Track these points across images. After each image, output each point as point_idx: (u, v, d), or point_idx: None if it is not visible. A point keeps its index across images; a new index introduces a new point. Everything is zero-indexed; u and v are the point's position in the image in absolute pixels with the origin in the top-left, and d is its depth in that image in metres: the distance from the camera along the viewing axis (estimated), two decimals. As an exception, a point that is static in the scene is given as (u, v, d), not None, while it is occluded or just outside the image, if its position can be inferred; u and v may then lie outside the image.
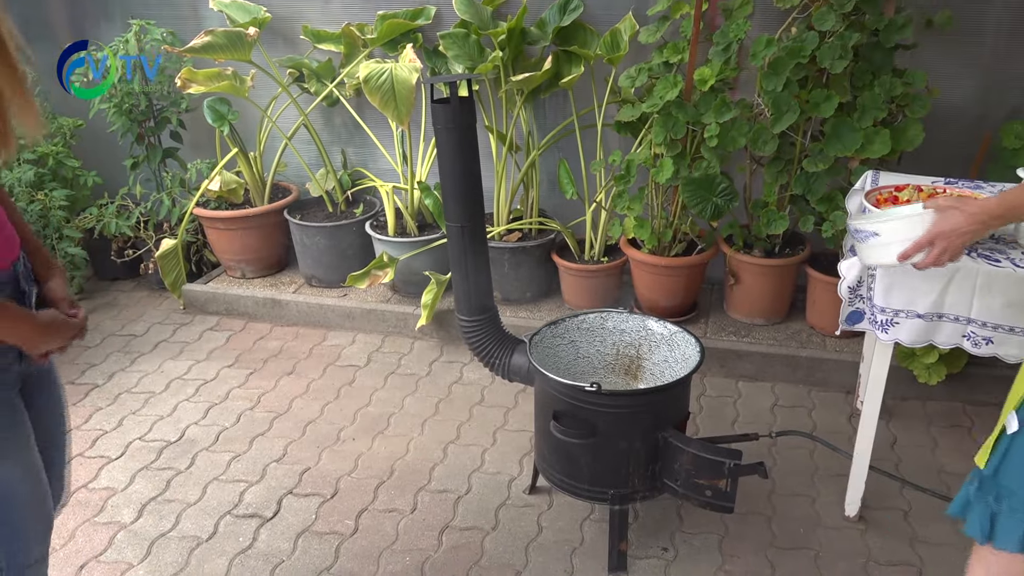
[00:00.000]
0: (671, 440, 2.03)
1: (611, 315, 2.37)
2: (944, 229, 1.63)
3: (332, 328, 3.59)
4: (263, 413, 2.98)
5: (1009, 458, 1.44)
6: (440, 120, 2.08)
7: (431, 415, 2.94)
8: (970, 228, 1.61)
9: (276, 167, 3.83)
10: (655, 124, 2.96)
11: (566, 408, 2.07)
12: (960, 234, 1.62)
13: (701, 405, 2.93)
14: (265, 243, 3.86)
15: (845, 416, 2.82)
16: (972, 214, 1.59)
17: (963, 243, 1.64)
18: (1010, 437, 1.44)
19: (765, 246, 3.19)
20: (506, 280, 3.48)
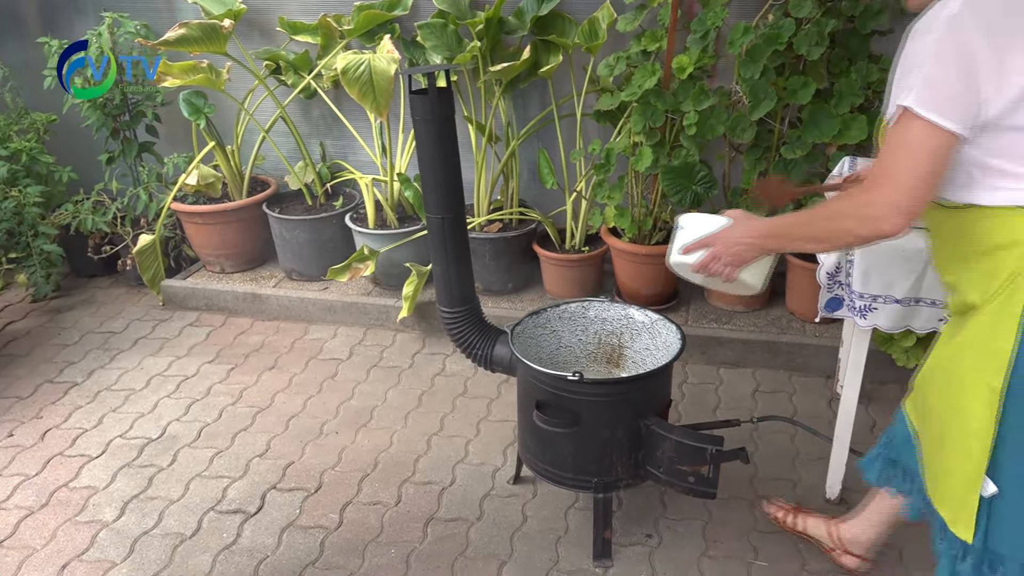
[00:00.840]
0: (653, 428, 2.04)
1: (592, 304, 2.38)
2: (721, 235, 1.64)
3: (313, 322, 3.58)
4: (245, 408, 2.97)
5: (996, 522, 1.40)
6: (419, 111, 2.07)
7: (414, 407, 2.94)
8: (742, 241, 1.60)
9: (254, 160, 3.80)
10: (634, 113, 2.97)
11: (549, 398, 2.07)
12: (731, 244, 1.62)
13: (683, 392, 2.95)
14: (244, 237, 3.83)
15: (825, 401, 2.85)
16: (747, 230, 1.60)
17: (735, 253, 1.62)
18: (988, 501, 1.40)
19: (745, 233, 3.21)
20: (487, 271, 3.48)
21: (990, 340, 1.35)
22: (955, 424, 1.42)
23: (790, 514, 2.24)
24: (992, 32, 1.27)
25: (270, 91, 3.58)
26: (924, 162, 1.29)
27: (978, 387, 1.36)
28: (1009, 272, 1.33)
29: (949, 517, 1.46)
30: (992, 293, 1.35)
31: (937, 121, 1.28)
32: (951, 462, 1.44)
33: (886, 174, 1.32)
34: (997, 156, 1.33)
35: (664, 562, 2.20)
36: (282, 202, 3.85)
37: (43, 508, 2.49)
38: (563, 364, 2.38)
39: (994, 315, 1.35)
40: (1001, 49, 1.27)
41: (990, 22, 1.27)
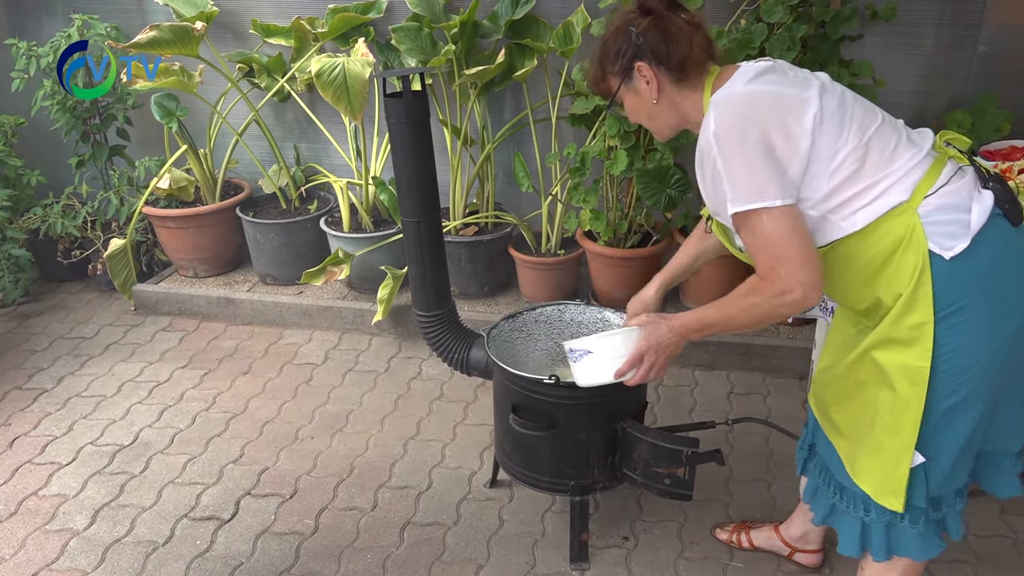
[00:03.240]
0: (629, 430, 2.05)
1: (568, 307, 2.38)
2: (652, 342, 1.66)
3: (288, 326, 3.56)
4: (219, 414, 2.94)
5: (932, 479, 1.52)
6: (393, 114, 2.07)
7: (390, 411, 2.93)
8: (672, 340, 1.65)
9: (227, 164, 3.77)
10: (609, 117, 2.98)
11: (525, 401, 2.07)
12: (664, 347, 1.66)
13: (659, 395, 2.97)
14: (217, 241, 3.80)
15: (799, 402, 2.88)
16: (673, 327, 1.64)
17: (667, 356, 1.68)
18: (921, 467, 1.51)
19: (719, 236, 3.23)
20: (463, 274, 3.48)
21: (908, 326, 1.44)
22: (883, 408, 1.51)
23: (736, 533, 2.26)
24: (752, 118, 1.42)
25: (243, 94, 3.56)
26: (793, 237, 1.41)
27: (904, 372, 1.46)
28: (913, 266, 1.42)
29: (873, 489, 1.56)
30: (901, 289, 1.44)
31: (769, 205, 1.41)
32: (881, 439, 1.53)
33: (778, 263, 1.42)
34: (833, 195, 1.45)
35: (641, 564, 2.21)
36: (256, 206, 3.83)
37: (12, 517, 2.45)
38: (539, 367, 2.38)
39: (906, 304, 1.43)
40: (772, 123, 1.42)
41: (747, 115, 1.43)
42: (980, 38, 2.99)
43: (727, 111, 1.45)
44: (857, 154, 1.45)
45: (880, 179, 1.44)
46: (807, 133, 1.43)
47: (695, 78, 1.56)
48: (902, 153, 1.47)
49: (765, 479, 2.52)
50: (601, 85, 1.67)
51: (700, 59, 1.56)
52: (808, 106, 1.44)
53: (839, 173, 1.44)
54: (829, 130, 1.44)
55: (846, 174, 1.44)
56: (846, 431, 1.64)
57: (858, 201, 1.45)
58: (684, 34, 1.54)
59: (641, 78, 1.58)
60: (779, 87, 1.47)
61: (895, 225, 1.43)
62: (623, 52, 1.58)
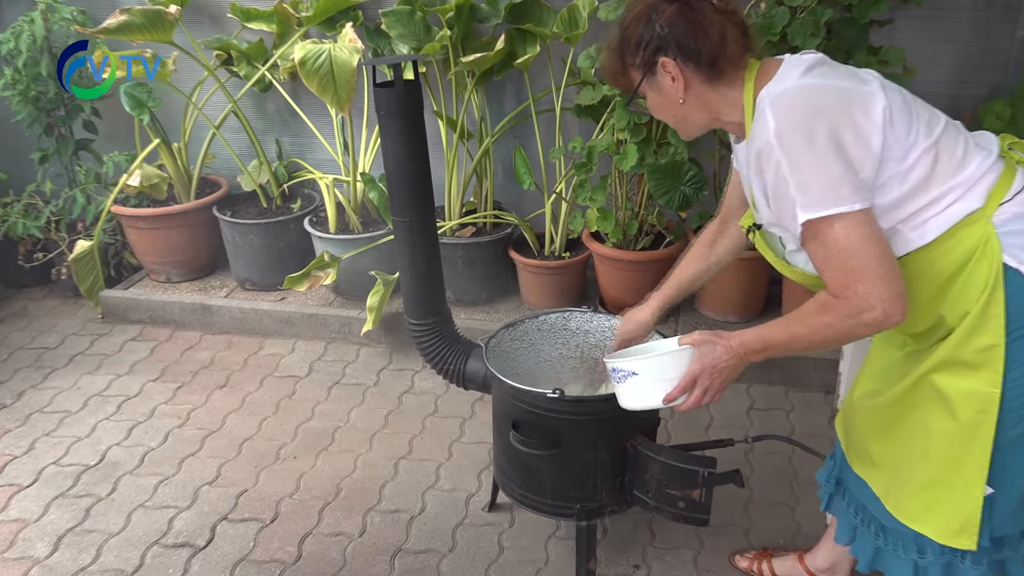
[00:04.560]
0: (640, 449, 2.04)
1: (574, 315, 2.38)
2: (706, 365, 1.60)
3: (269, 336, 3.56)
4: (193, 431, 2.94)
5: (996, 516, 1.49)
6: (384, 106, 2.07)
7: (380, 428, 2.93)
8: (729, 362, 1.59)
9: (203, 159, 3.78)
10: (618, 107, 2.98)
11: (527, 417, 2.07)
12: (720, 369, 1.60)
13: (672, 410, 2.96)
14: (192, 243, 3.80)
15: (825, 417, 2.87)
16: (730, 347, 1.58)
17: (724, 380, 1.62)
18: (989, 499, 1.48)
19: (737, 238, 3.23)
20: (459, 279, 3.48)
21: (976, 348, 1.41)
22: (940, 439, 1.47)
23: (756, 562, 2.25)
24: (818, 113, 1.37)
25: (221, 83, 3.56)
26: (871, 246, 1.35)
27: (969, 398, 1.42)
28: (984, 280, 1.39)
29: (937, 530, 1.51)
30: (970, 307, 1.41)
31: (846, 209, 1.35)
32: (938, 474, 1.49)
33: (854, 278, 1.36)
34: (905, 202, 1.41)
35: (653, 595, 2.21)
36: (234, 205, 3.83)
37: (-33, 544, 2.45)
38: (542, 380, 2.38)
39: (974, 324, 1.40)
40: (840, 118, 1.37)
41: (811, 109, 1.38)
42: (1019, 22, 3.00)
43: (788, 106, 1.38)
44: (929, 156, 1.41)
45: (953, 185, 1.41)
46: (878, 129, 1.38)
47: (731, 74, 1.50)
48: (972, 157, 1.44)
49: (788, 503, 2.51)
50: (620, 79, 1.59)
51: (735, 53, 1.49)
52: (874, 100, 1.40)
53: (912, 176, 1.41)
54: (899, 127, 1.40)
55: (919, 177, 1.41)
56: (883, 463, 1.61)
57: (930, 209, 1.42)
58: (715, 25, 1.46)
59: (665, 75, 1.51)
60: (837, 81, 1.43)
61: (967, 235, 1.40)
62: (645, 43, 1.49)
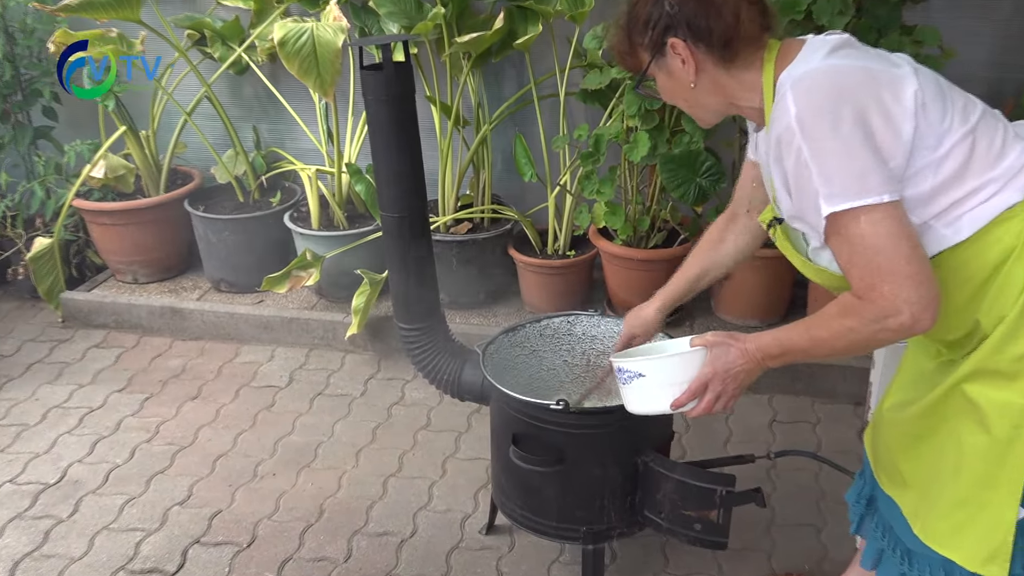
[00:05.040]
0: (653, 465, 2.04)
1: (580, 319, 2.38)
2: (718, 369, 1.60)
3: (245, 342, 3.56)
4: (163, 446, 2.94)
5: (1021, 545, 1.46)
6: (372, 90, 2.07)
7: (367, 443, 2.93)
8: (745, 367, 1.58)
9: (174, 148, 3.78)
10: (627, 93, 2.98)
11: (528, 430, 2.07)
12: (734, 375, 1.59)
13: (687, 423, 2.96)
14: (162, 240, 3.80)
15: (855, 431, 2.87)
16: (746, 351, 1.57)
17: (738, 385, 1.61)
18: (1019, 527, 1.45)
19: (758, 234, 3.23)
20: (454, 280, 3.48)
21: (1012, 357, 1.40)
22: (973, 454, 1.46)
23: None
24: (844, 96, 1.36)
25: (193, 66, 3.56)
26: (900, 243, 1.34)
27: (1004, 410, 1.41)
28: (1022, 280, 1.38)
29: (966, 555, 1.50)
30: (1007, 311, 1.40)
31: (874, 201, 1.33)
32: (970, 493, 1.48)
33: (880, 278, 1.35)
34: (939, 195, 1.41)
35: (666, 625, 2.21)
36: (208, 198, 3.83)
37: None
38: (545, 390, 2.37)
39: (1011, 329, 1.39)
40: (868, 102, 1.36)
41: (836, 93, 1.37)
42: (1067, -1, 3.00)
43: (811, 89, 1.38)
44: (964, 144, 1.40)
45: (990, 177, 1.40)
46: (909, 115, 1.37)
47: (747, 56, 1.50)
48: (1012, 147, 1.43)
49: (814, 524, 2.51)
50: (628, 60, 1.59)
51: (752, 34, 1.48)
52: (905, 83, 1.39)
53: (946, 166, 1.40)
54: (932, 113, 1.40)
55: (954, 168, 1.40)
56: (913, 481, 1.60)
57: (965, 203, 1.41)
58: (729, 4, 1.46)
59: (675, 56, 1.51)
60: (865, 61, 1.42)
61: (1005, 232, 1.39)
62: (653, 22, 1.50)
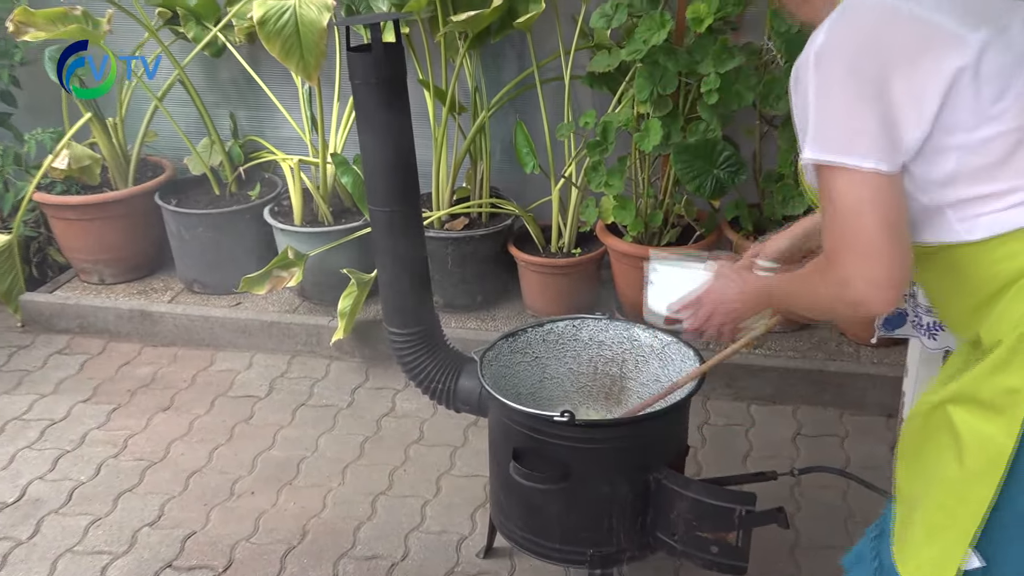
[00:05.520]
0: (665, 483, 2.04)
1: (586, 323, 2.38)
2: (713, 295, 1.77)
3: (221, 348, 3.56)
4: (131, 462, 2.94)
5: None
6: (359, 73, 2.07)
7: (354, 459, 2.93)
8: (735, 297, 1.73)
9: (143, 137, 3.78)
10: (638, 76, 2.98)
11: (530, 445, 2.07)
12: (724, 303, 1.74)
13: (704, 436, 2.96)
14: (130, 237, 3.80)
15: (886, 445, 2.87)
16: (744, 291, 1.71)
17: (732, 316, 1.75)
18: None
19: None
20: (450, 280, 3.48)
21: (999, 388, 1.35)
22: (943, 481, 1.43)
23: None
24: (876, 48, 1.34)
25: (164, 47, 3.56)
26: (869, 216, 1.33)
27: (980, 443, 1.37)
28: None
29: None
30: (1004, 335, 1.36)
31: (853, 164, 1.32)
32: (933, 520, 1.44)
33: (843, 244, 1.36)
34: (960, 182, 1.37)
35: (680, 658, 2.21)
36: (180, 191, 3.83)
37: None
38: (548, 401, 2.37)
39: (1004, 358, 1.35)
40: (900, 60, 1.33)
41: (870, 38, 1.35)
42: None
43: (847, 24, 1.36)
44: (1010, 139, 1.35)
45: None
46: (939, 91, 1.33)
47: None
48: None
49: (842, 545, 2.50)
50: None
51: None
52: (957, 52, 1.33)
53: (979, 154, 1.35)
54: (985, 92, 1.34)
55: (988, 159, 1.35)
56: (902, 494, 1.58)
57: (988, 204, 1.36)
58: None
59: None
60: (931, 13, 1.35)
61: (1021, 250, 1.35)
62: None
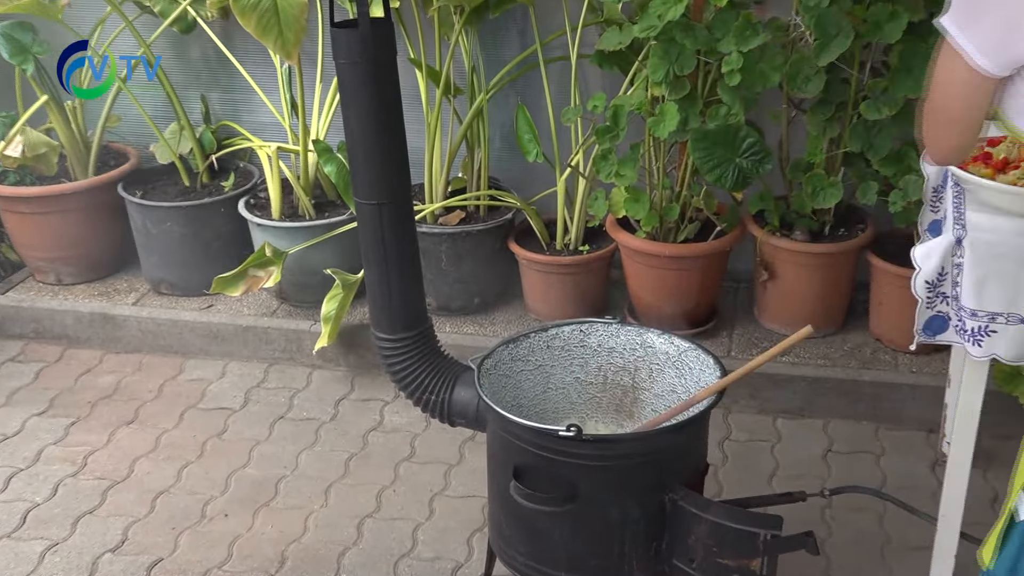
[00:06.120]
0: (683, 505, 2.04)
1: (595, 328, 2.38)
2: None
3: (192, 355, 3.56)
4: (92, 481, 2.94)
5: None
6: (344, 52, 2.07)
7: (339, 478, 2.93)
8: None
9: (105, 122, 3.78)
10: (652, 55, 2.98)
11: (533, 462, 2.07)
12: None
13: (725, 453, 2.96)
14: (91, 233, 3.80)
15: (927, 464, 2.88)
16: None
17: None
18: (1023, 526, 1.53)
19: (810, 226, 3.23)
20: (444, 280, 3.48)
21: None
22: None
23: None
24: None
25: (128, 22, 3.57)
26: (956, 97, 1.67)
27: None
28: None
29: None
30: None
31: (968, 50, 1.58)
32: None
33: (929, 97, 1.71)
34: None
35: None
36: (147, 182, 3.83)
37: None
38: (553, 414, 2.38)
39: None
40: None
41: None
42: None
43: None
44: None
45: None
46: None
47: None
48: None
49: (878, 575, 2.51)
50: None
51: None
52: None
53: None
54: None
55: None
56: None
57: None
58: None
59: None
60: None
61: None
62: None
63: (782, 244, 3.21)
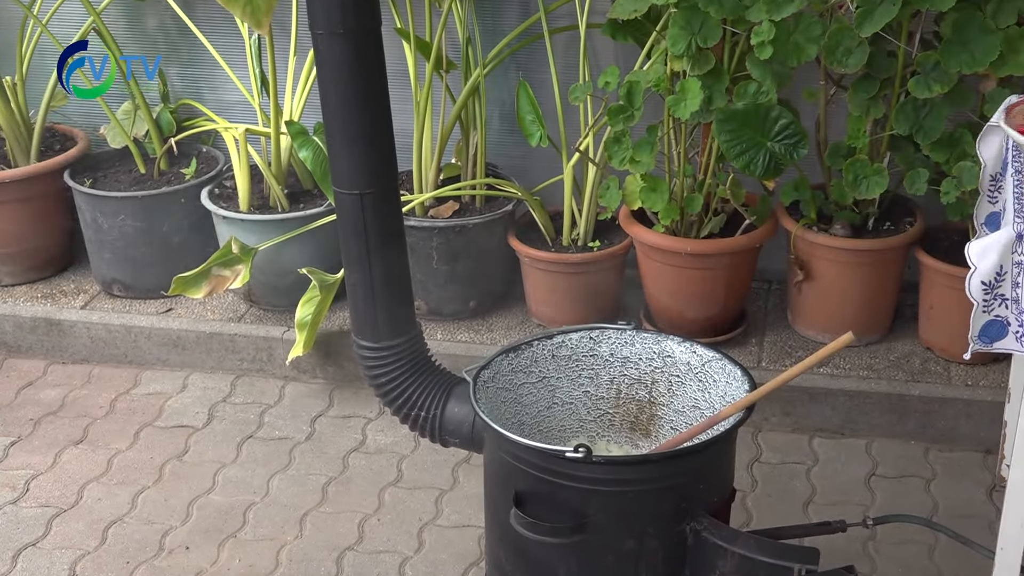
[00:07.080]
0: (706, 535, 2.05)
1: (607, 334, 2.38)
2: None
3: (148, 365, 3.57)
4: (35, 509, 2.95)
5: None
6: (323, 21, 2.07)
7: (316, 505, 2.94)
8: None
9: (49, 101, 3.78)
10: (672, 24, 2.99)
11: (536, 487, 2.07)
12: None
13: (754, 477, 2.97)
14: (33, 227, 3.81)
15: (983, 489, 2.88)
16: None
17: None
18: None
19: (852, 219, 3.24)
20: (435, 281, 3.49)
21: None
22: None
23: None
24: None
25: (77, -13, 3.58)
26: None
27: None
28: None
29: None
30: None
31: None
32: None
33: None
34: None
35: None
36: (97, 168, 3.84)
37: None
38: (559, 432, 2.38)
39: None
40: None
41: None
42: None
43: None
44: None
45: None
46: None
47: None
48: None
49: (928, 616, 2.52)
50: None
51: None
52: None
53: None
54: None
55: None
56: None
57: None
58: None
59: None
60: None
61: None
62: None
63: (819, 240, 3.21)
